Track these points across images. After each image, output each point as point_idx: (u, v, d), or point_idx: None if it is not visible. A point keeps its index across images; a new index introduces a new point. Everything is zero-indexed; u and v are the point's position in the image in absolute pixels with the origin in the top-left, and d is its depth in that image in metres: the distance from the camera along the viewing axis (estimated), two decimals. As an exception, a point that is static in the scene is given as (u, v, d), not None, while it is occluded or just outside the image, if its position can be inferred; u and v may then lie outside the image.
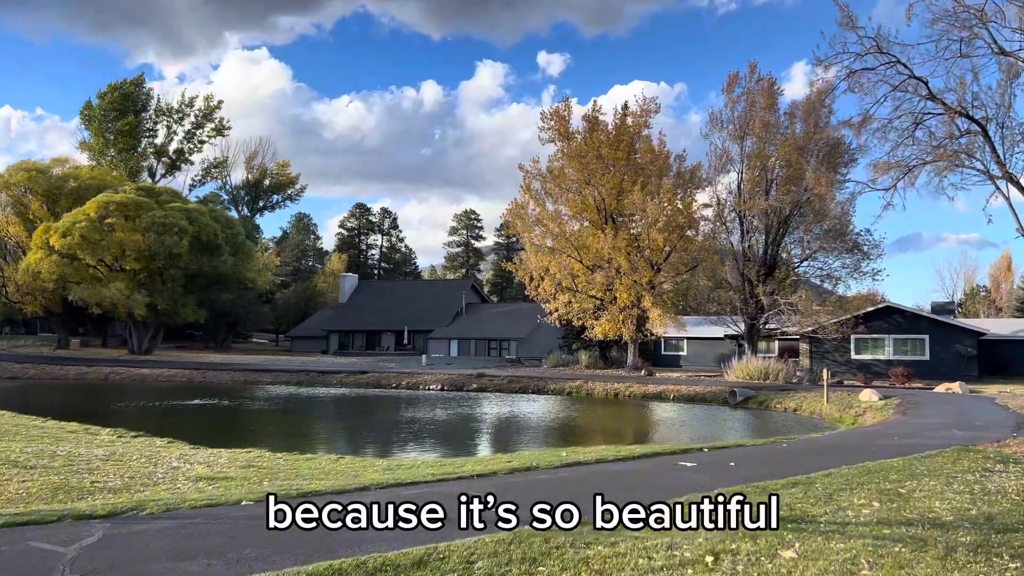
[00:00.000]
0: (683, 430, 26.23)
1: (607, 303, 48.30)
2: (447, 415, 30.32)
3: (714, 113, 47.23)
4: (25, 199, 60.00)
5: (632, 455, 12.58)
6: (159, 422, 26.37)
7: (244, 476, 10.77)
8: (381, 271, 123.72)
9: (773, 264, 45.90)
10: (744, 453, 13.32)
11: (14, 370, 52.56)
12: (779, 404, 34.12)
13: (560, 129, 49.25)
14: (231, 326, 74.06)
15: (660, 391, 39.79)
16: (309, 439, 22.60)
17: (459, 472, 10.60)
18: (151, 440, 15.92)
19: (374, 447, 21.05)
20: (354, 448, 21.00)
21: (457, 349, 68.84)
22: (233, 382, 48.44)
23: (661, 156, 49.45)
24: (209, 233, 56.26)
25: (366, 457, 14.53)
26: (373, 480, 9.91)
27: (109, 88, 74.19)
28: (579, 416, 31.21)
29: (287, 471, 11.69)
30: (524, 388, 42.94)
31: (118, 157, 73.72)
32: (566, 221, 49.58)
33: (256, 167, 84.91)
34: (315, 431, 25.78)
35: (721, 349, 54.25)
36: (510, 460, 12.10)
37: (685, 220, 47.69)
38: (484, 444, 20.98)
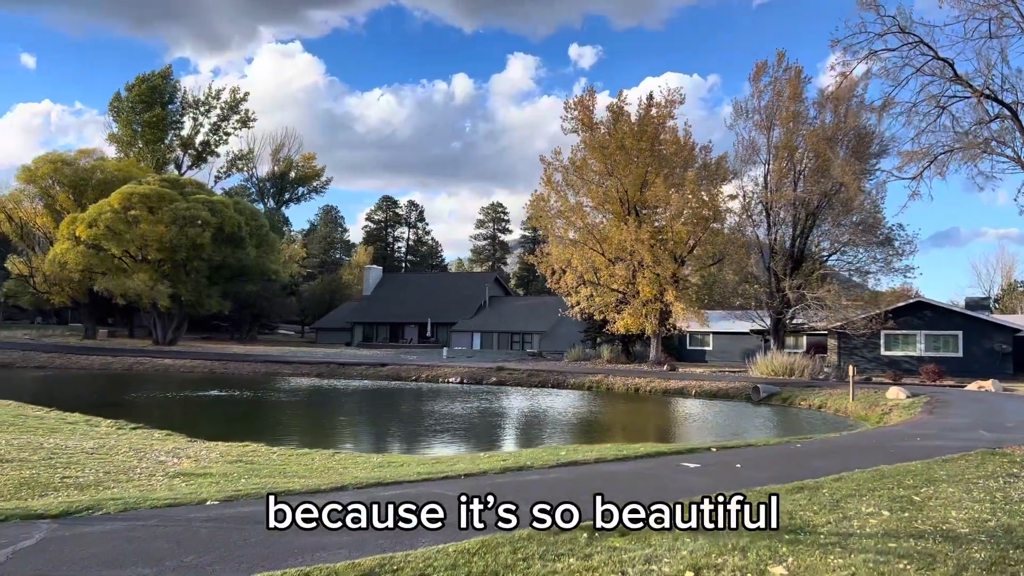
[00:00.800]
0: (699, 427, 25.56)
1: (629, 297, 47.55)
2: (462, 409, 29.91)
3: (739, 103, 46.25)
4: (52, 191, 60.66)
5: (635, 454, 12.02)
6: (169, 413, 26.30)
7: (225, 473, 10.40)
8: (408, 264, 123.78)
9: (800, 258, 44.83)
10: (753, 454, 12.68)
11: (41, 359, 53.18)
12: (803, 401, 33.26)
13: (584, 119, 48.50)
14: (256, 318, 74.35)
15: (682, 387, 39.07)
16: (317, 432, 22.32)
17: (448, 471, 10.13)
18: (150, 432, 15.69)
19: (380, 441, 20.72)
20: (361, 442, 20.69)
21: (480, 342, 68.49)
22: (254, 373, 48.54)
23: (686, 147, 48.51)
24: (232, 225, 56.40)
25: (363, 453, 14.12)
26: (356, 479, 9.47)
27: (137, 80, 74.75)
28: (595, 411, 30.62)
29: (274, 467, 11.31)
30: (544, 382, 42.45)
31: (145, 149, 74.31)
32: (588, 213, 48.87)
33: (282, 159, 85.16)
34: (325, 424, 25.50)
35: (747, 344, 53.22)
36: (504, 459, 11.60)
37: (710, 212, 46.74)
38: (490, 440, 20.51)
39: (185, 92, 77.96)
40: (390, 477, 9.51)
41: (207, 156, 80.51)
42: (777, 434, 23.11)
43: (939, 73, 13.79)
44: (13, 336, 63.61)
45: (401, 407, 31.60)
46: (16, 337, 63.00)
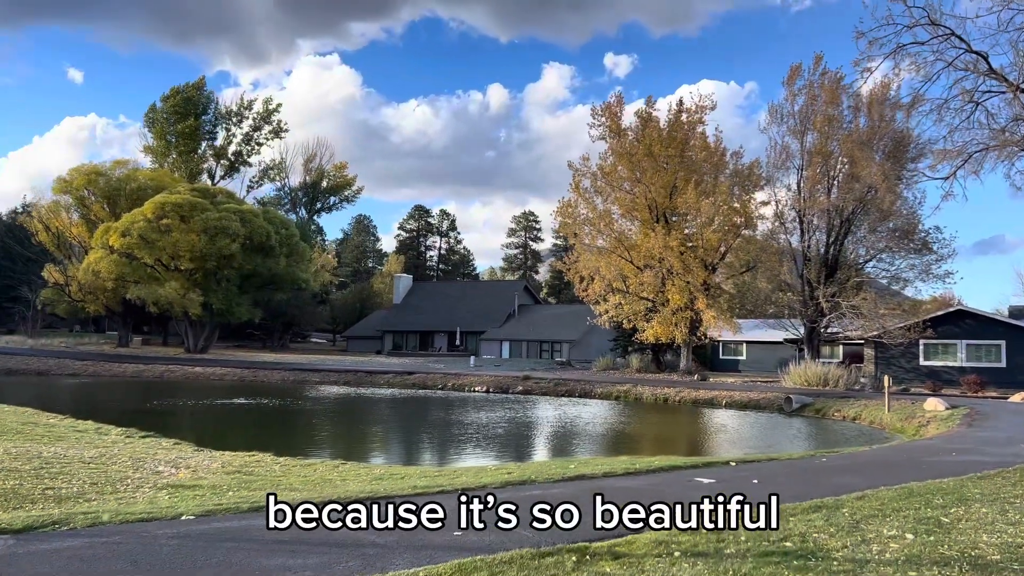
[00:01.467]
0: (726, 440, 24.79)
1: (659, 305, 46.76)
2: (485, 419, 29.45)
3: (774, 106, 45.22)
4: (87, 201, 61.60)
5: (647, 468, 11.44)
6: (188, 421, 26.26)
7: (216, 485, 10.05)
8: (439, 273, 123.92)
9: (835, 265, 43.67)
10: (774, 468, 12.03)
11: (75, 367, 53.88)
12: (837, 412, 32.27)
13: (611, 125, 47.93)
14: (287, 326, 74.76)
15: (712, 397, 38.22)
16: (334, 441, 22.05)
17: (447, 485, 9.67)
18: (158, 441, 15.47)
19: (394, 451, 20.33)
20: (374, 452, 20.31)
21: (509, 351, 68.02)
22: (283, 381, 48.63)
23: (717, 153, 47.69)
24: (262, 234, 56.72)
25: (371, 464, 13.71)
26: (347, 493, 9.05)
27: (172, 92, 75.88)
28: (620, 422, 29.96)
29: (271, 479, 10.94)
30: (571, 392, 41.86)
31: (179, 159, 75.31)
32: (616, 220, 48.23)
33: (313, 169, 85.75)
34: (344, 433, 25.22)
35: (782, 354, 51.97)
36: (510, 472, 11.11)
37: (742, 219, 45.84)
38: (507, 451, 20.01)
39: (218, 103, 79.14)
40: (383, 491, 9.07)
41: (239, 166, 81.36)
42: (807, 447, 22.29)
43: (972, 68, 13.05)
44: (51, 344, 64.66)
45: (424, 416, 31.24)
46: (53, 345, 64.04)
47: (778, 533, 7.21)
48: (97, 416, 26.12)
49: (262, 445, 17.20)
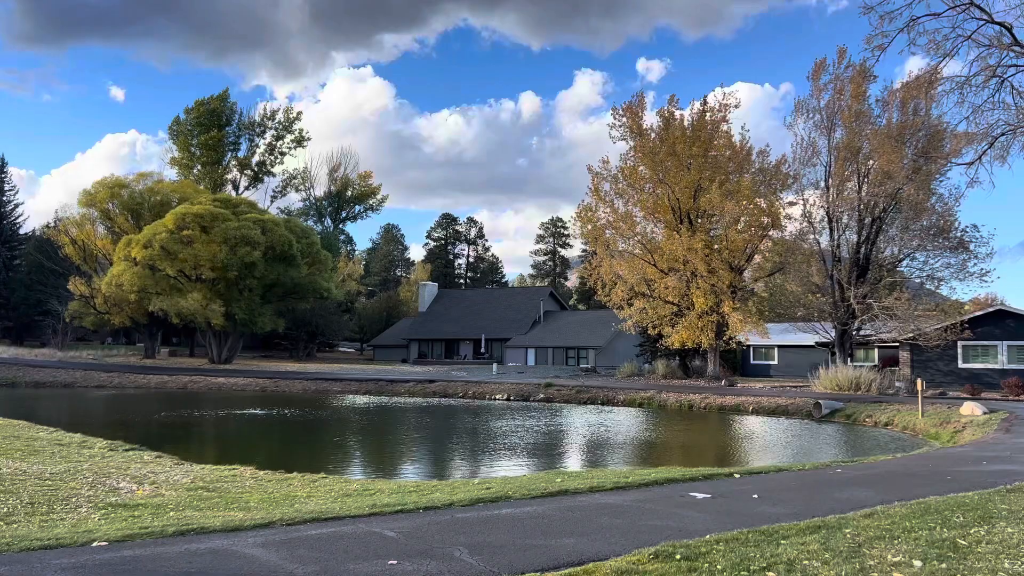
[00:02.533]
0: (743, 448, 23.63)
1: (684, 309, 45.55)
2: (498, 428, 28.61)
3: (799, 102, 43.78)
4: (111, 213, 62.08)
5: (639, 482, 10.50)
6: (191, 433, 25.78)
7: (164, 504, 9.32)
8: (468, 281, 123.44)
9: (866, 265, 42.09)
10: (781, 481, 11.01)
11: (101, 379, 54.08)
12: (869, 418, 30.88)
13: (633, 126, 46.90)
14: (312, 336, 74.63)
15: (738, 403, 37.00)
16: (333, 453, 21.38)
17: (415, 502, 8.84)
18: (140, 455, 14.87)
19: (390, 463, 19.57)
20: (369, 464, 19.57)
21: (534, 358, 67.09)
22: (304, 391, 48.28)
23: (742, 152, 46.43)
24: (283, 243, 56.56)
25: (351, 478, 12.93)
26: (297, 513, 8.27)
27: (196, 104, 76.41)
28: (637, 430, 28.92)
29: (232, 497, 10.20)
30: (593, 399, 40.84)
31: (204, 170, 75.80)
32: (639, 223, 47.15)
33: (338, 178, 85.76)
34: (348, 444, 24.57)
35: (816, 358, 50.35)
36: (488, 487, 10.24)
37: (768, 219, 44.50)
38: (505, 461, 19.11)
39: (242, 114, 79.59)
40: (337, 511, 8.27)
41: (263, 176, 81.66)
42: (833, 455, 21.11)
43: (995, 41, 11.93)
44: (79, 356, 65.17)
45: (438, 426, 30.49)
46: (81, 357, 64.52)
47: (763, 560, 6.28)
48: (100, 428, 25.78)
49: (259, 458, 16.61)
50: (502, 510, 8.37)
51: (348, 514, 8.00)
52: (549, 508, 8.51)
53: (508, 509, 8.43)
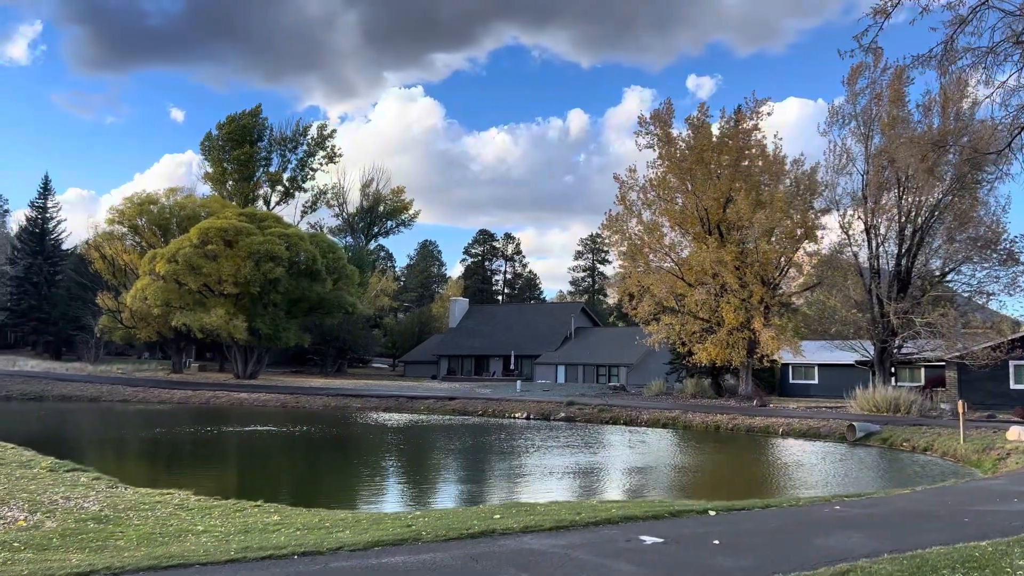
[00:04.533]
0: (756, 476, 21.74)
1: (714, 325, 43.54)
2: (502, 448, 27.17)
3: (834, 107, 41.64)
4: (140, 228, 62.46)
5: (590, 520, 8.96)
6: (171, 451, 24.83)
7: (18, 542, 8.10)
8: (505, 297, 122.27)
9: (907, 279, 39.68)
10: (759, 521, 9.37)
11: (126, 393, 53.98)
12: (906, 442, 28.64)
13: (661, 134, 45.22)
14: (341, 351, 74.03)
15: (768, 424, 34.93)
16: (294, 476, 20.24)
17: (295, 545, 7.48)
18: (78, 476, 13.78)
19: (347, 490, 18.20)
20: (319, 489, 18.29)
21: (564, 375, 65.39)
22: (325, 407, 47.47)
23: (776, 162, 44.41)
24: (308, 258, 56.02)
25: (282, 506, 11.55)
26: (142, 558, 6.97)
27: (228, 119, 76.92)
28: (648, 453, 27.24)
29: (115, 531, 8.93)
30: (615, 419, 39.08)
31: (235, 186, 76.11)
32: (666, 234, 45.39)
33: (370, 194, 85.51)
34: (325, 464, 23.44)
35: (859, 378, 47.69)
36: (409, 525, 8.81)
37: (802, 231, 42.39)
38: (476, 488, 17.78)
39: (272, 130, 79.82)
40: (196, 555, 6.94)
41: (294, 192, 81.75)
42: (857, 483, 19.20)
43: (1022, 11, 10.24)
44: (109, 371, 65.47)
45: (434, 446, 29.26)
46: (112, 371, 64.79)
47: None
48: (81, 445, 25.03)
49: (230, 478, 15.52)
50: (395, 557, 6.96)
51: (203, 560, 6.66)
52: (452, 556, 7.07)
53: (402, 556, 7.02)
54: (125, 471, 16.89)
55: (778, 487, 18.23)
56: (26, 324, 78.96)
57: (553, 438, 31.22)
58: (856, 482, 19.61)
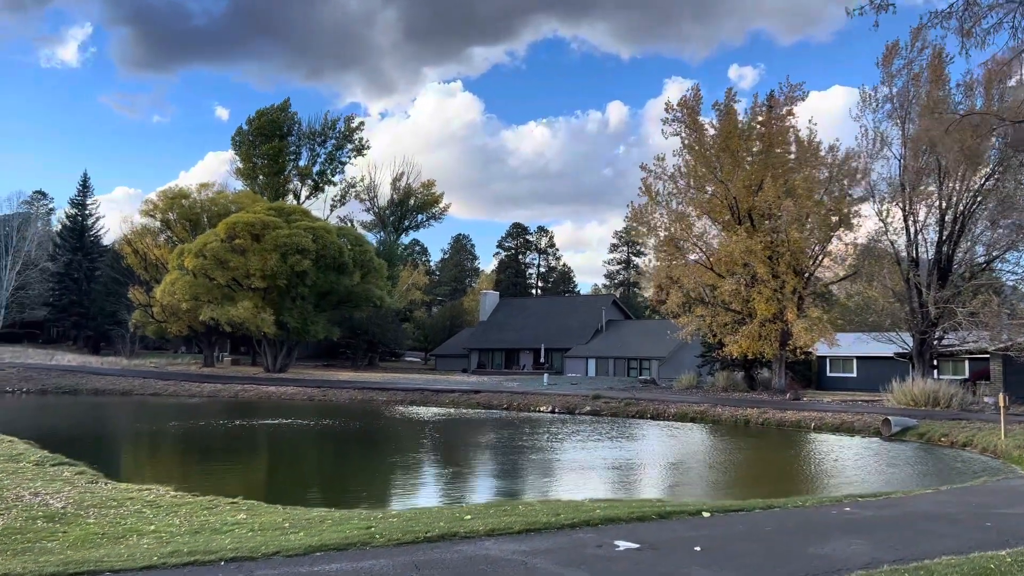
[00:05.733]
0: (775, 473, 20.73)
1: (746, 316, 42.31)
2: (518, 442, 26.48)
3: (866, 91, 40.01)
4: (170, 223, 63.01)
5: (567, 522, 8.23)
6: (174, 446, 24.61)
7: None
8: (539, 291, 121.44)
9: (947, 267, 38.04)
10: (753, 525, 8.54)
11: (157, 387, 54.42)
12: (944, 437, 27.33)
13: (689, 122, 44.00)
14: (371, 345, 73.95)
15: (799, 419, 33.74)
16: (306, 469, 19.82)
17: (229, 549, 6.90)
18: (61, 470, 13.38)
19: (338, 485, 17.70)
20: (309, 485, 17.79)
21: (595, 368, 64.46)
22: (350, 400, 47.30)
23: (810, 148, 42.91)
24: (334, 251, 55.84)
25: (257, 504, 11.04)
26: (73, 562, 6.43)
27: (257, 114, 77.22)
28: (666, 448, 26.39)
29: (50, 532, 8.43)
30: (642, 412, 38.14)
31: (266, 181, 76.40)
32: (694, 224, 44.19)
33: (401, 187, 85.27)
34: (329, 459, 23.00)
35: (899, 371, 46.03)
36: (369, 525, 8.17)
37: (837, 218, 40.93)
38: (468, 484, 17.17)
39: (300, 124, 79.89)
40: (122, 556, 6.38)
41: (323, 186, 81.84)
42: (891, 481, 18.15)
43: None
44: (143, 365, 66.23)
45: (454, 440, 28.71)
46: (145, 365, 65.53)
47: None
48: (89, 438, 24.93)
49: (221, 473, 15.09)
50: (331, 565, 6.34)
51: (117, 567, 6.09)
52: (395, 563, 6.41)
53: (340, 563, 6.40)
54: (123, 465, 16.65)
55: (795, 485, 17.26)
56: (67, 319, 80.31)
57: (575, 433, 30.50)
58: (884, 480, 18.55)
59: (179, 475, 14.74)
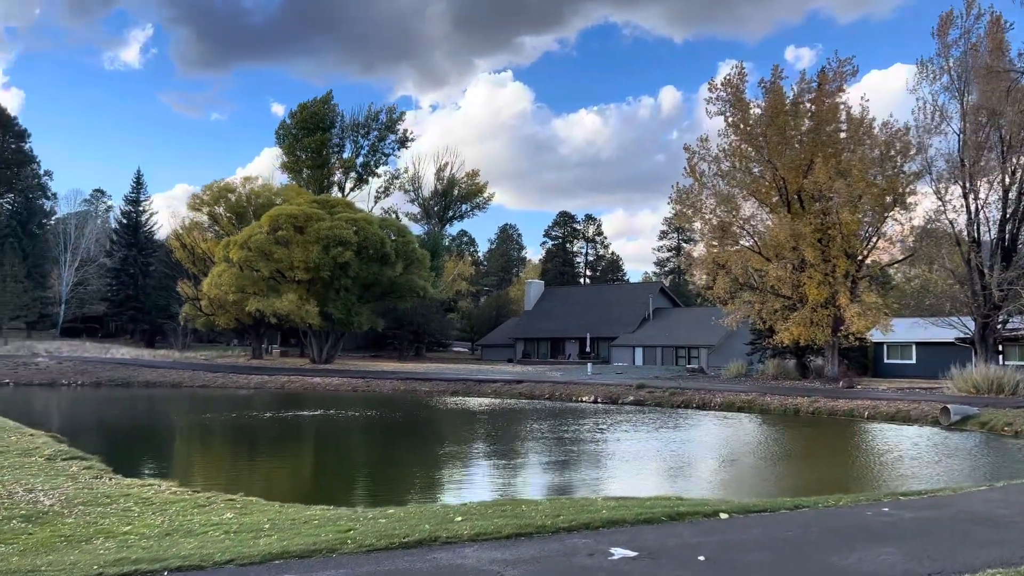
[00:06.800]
0: (810, 467, 19.56)
1: (796, 302, 40.78)
2: (554, 433, 25.77)
3: (923, 62, 38.00)
4: (218, 216, 63.79)
5: (566, 524, 7.49)
6: (197, 437, 24.53)
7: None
8: (587, 279, 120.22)
9: (1012, 246, 35.99)
10: (773, 529, 7.67)
11: (206, 379, 55.17)
12: (1008, 426, 25.75)
13: (734, 101, 42.47)
14: (417, 335, 73.93)
15: (852, 407, 32.28)
16: (325, 465, 19.41)
17: (171, 559, 6.34)
18: (68, 465, 13.12)
19: (350, 481, 17.22)
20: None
21: (642, 357, 63.24)
22: (393, 391, 47.21)
23: (863, 125, 41.03)
24: (376, 242, 55.74)
25: (251, 500, 10.54)
26: (15, 570, 5.95)
27: (300, 107, 77.65)
28: (707, 439, 25.38)
29: (14, 534, 8.01)
30: (687, 402, 37.02)
31: (310, 174, 76.87)
32: (741, 207, 42.70)
33: (445, 178, 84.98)
34: (362, 452, 22.56)
35: (962, 357, 43.89)
36: (349, 529, 7.54)
37: (891, 198, 39.08)
38: (483, 479, 16.54)
39: (343, 116, 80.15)
40: (45, 572, 5.86)
41: (367, 178, 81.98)
42: (945, 475, 16.95)
43: None
44: (194, 357, 67.33)
45: (491, 431, 28.10)
46: (196, 358, 66.60)
47: None
48: (123, 430, 25.01)
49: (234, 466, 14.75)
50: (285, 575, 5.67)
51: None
52: (368, 571, 5.74)
53: (295, 574, 5.73)
54: (142, 459, 16.46)
55: (838, 479, 16.17)
56: (124, 314, 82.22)
57: (616, 423, 29.67)
58: (938, 473, 17.33)
59: (197, 468, 14.41)
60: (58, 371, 56.17)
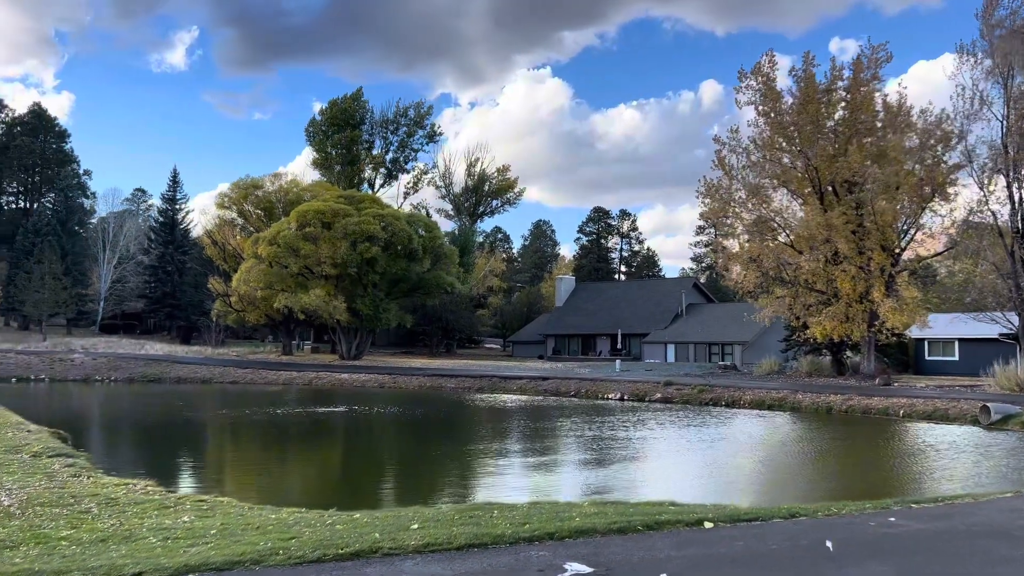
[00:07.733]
0: (830, 469, 18.52)
1: (830, 297, 39.46)
2: (570, 433, 25.10)
3: (964, 45, 36.37)
4: (247, 213, 64.12)
5: (527, 535, 6.83)
6: (203, 433, 24.26)
7: None
8: (622, 275, 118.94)
9: (1058, 238, 34.31)
10: (756, 542, 6.91)
11: (236, 375, 55.43)
12: (1050, 426, 24.39)
13: (765, 90, 41.22)
14: (446, 331, 73.58)
15: (887, 406, 31.06)
16: (315, 462, 18.97)
17: (75, 570, 5.82)
18: (51, 463, 12.75)
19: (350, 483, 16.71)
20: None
21: (674, 354, 62.06)
22: (419, 387, 46.89)
23: (900, 114, 39.50)
24: (403, 237, 55.43)
25: (224, 501, 10.09)
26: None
27: (329, 104, 77.71)
28: (728, 439, 24.44)
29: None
30: (716, 400, 36.00)
31: (341, 171, 76.89)
32: (773, 198, 41.45)
33: (476, 173, 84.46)
34: (370, 450, 22.09)
35: (1006, 353, 42.10)
36: (292, 537, 6.97)
37: (929, 188, 37.54)
38: (484, 481, 15.91)
39: (372, 112, 79.98)
40: None
41: (397, 173, 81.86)
42: (978, 478, 15.94)
43: None
44: (226, 353, 67.85)
45: (508, 428, 27.49)
46: (227, 354, 67.12)
47: None
48: (139, 426, 24.90)
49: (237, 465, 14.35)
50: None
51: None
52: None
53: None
54: (136, 456, 16.16)
55: (859, 482, 15.24)
56: (161, 310, 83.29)
57: (639, 421, 28.86)
58: (969, 475, 16.30)
59: (194, 466, 14.04)
60: (92, 367, 56.86)
